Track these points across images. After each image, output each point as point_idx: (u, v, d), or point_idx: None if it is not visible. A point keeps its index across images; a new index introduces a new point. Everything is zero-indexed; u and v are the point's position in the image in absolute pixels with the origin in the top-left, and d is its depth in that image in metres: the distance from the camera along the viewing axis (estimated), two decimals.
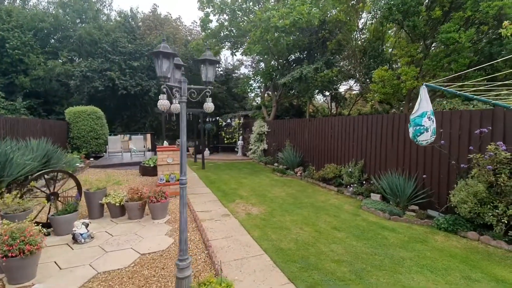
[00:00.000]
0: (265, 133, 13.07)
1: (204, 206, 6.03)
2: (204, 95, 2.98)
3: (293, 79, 10.07)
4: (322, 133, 9.07)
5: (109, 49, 16.41)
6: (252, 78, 16.54)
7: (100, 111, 13.20)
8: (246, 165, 12.14)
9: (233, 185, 8.14)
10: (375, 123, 7.09)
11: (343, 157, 8.13)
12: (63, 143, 11.51)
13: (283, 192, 7.34)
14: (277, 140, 12.04)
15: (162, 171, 6.97)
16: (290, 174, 9.64)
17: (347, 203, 6.44)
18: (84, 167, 10.65)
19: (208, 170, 10.80)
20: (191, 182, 8.50)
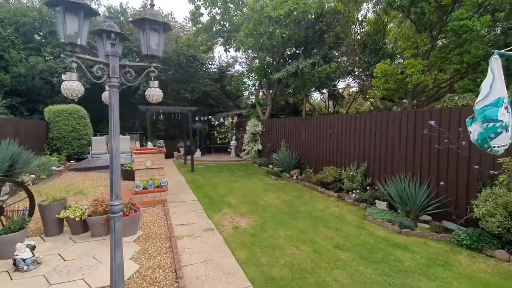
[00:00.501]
0: (259, 133, 12.25)
1: (185, 217, 5.18)
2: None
3: (289, 74, 9.25)
4: (320, 133, 8.27)
5: (95, 45, 15.42)
6: (246, 75, 15.71)
7: (83, 109, 12.28)
8: (239, 167, 11.31)
9: (222, 191, 7.31)
10: (379, 121, 6.29)
11: (343, 159, 7.33)
12: (41, 144, 10.60)
13: (278, 199, 6.52)
14: (272, 140, 11.22)
15: (140, 176, 6.12)
16: (286, 177, 8.82)
17: (350, 212, 5.64)
18: (63, 170, 9.74)
19: (197, 173, 9.95)
20: (176, 188, 7.65)
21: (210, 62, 20.95)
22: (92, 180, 8.65)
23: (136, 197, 5.60)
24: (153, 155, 6.18)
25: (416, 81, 7.51)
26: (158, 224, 4.78)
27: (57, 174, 9.16)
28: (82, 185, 7.93)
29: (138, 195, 5.60)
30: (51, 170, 8.88)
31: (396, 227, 4.70)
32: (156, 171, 6.26)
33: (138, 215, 4.31)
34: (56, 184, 7.93)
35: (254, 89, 16.47)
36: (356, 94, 15.41)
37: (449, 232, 4.52)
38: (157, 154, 6.22)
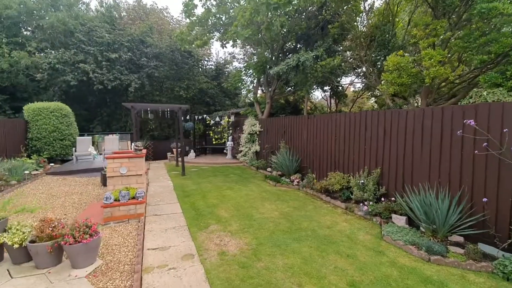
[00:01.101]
0: (257, 133, 11.28)
1: (162, 237, 4.21)
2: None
3: (289, 68, 8.28)
4: (324, 133, 7.29)
5: (83, 39, 14.46)
6: (244, 71, 14.72)
7: (66, 108, 11.31)
8: (234, 170, 10.34)
9: (213, 200, 6.34)
10: (396, 120, 5.32)
11: (351, 164, 6.36)
12: (17, 145, 9.63)
13: (276, 211, 5.56)
14: (271, 141, 10.25)
15: (113, 185, 5.15)
16: (286, 182, 7.85)
17: (362, 229, 4.67)
18: (39, 175, 8.77)
19: (188, 177, 8.97)
20: (160, 196, 6.67)
21: (206, 59, 19.96)
22: (68, 186, 7.68)
23: (105, 212, 4.64)
24: (130, 159, 5.21)
25: (435, 74, 6.53)
26: (126, 247, 3.81)
27: (32, 179, 8.20)
28: (55, 191, 6.96)
29: (108, 209, 4.64)
30: (23, 174, 7.91)
31: (423, 253, 3.74)
32: (134, 179, 5.29)
33: (96, 240, 3.33)
34: (25, 191, 6.96)
35: (252, 87, 15.48)
36: (361, 91, 14.40)
37: (489, 259, 3.57)
38: (135, 159, 5.25)
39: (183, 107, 9.07)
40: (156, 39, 16.64)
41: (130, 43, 15.59)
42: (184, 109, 9.47)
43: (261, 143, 11.08)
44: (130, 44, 15.55)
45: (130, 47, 15.49)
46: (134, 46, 15.70)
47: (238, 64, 18.44)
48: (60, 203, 6.01)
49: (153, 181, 8.52)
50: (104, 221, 4.65)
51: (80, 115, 16.56)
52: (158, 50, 16.04)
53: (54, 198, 6.43)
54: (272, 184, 7.98)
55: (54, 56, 13.50)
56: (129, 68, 15.57)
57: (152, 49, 16.08)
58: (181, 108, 8.92)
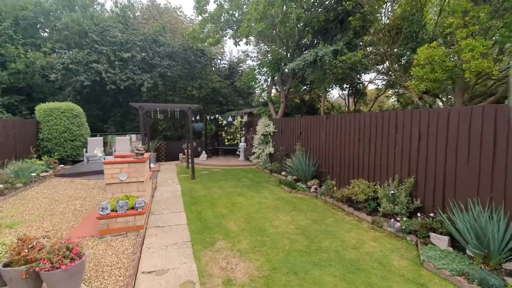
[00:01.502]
0: (271, 134, 10.62)
1: (161, 256, 3.65)
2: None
3: (306, 63, 7.54)
4: (346, 135, 6.53)
5: (96, 39, 14.31)
6: (257, 69, 14.07)
7: (77, 108, 11.10)
8: (247, 174, 9.72)
9: (222, 208, 5.74)
10: (434, 120, 4.51)
11: (378, 171, 5.58)
12: (28, 146, 9.46)
13: (292, 224, 4.88)
14: (286, 143, 9.56)
15: (112, 192, 4.65)
16: (302, 189, 7.14)
17: (395, 250, 3.91)
18: (48, 176, 8.52)
19: (198, 181, 8.45)
20: (166, 202, 6.16)
21: (219, 58, 19.47)
22: (74, 189, 7.34)
23: (101, 224, 4.14)
24: (130, 165, 4.70)
25: (477, 68, 5.62)
26: (118, 270, 3.27)
27: (40, 181, 7.94)
28: (59, 195, 6.61)
29: (104, 221, 4.13)
30: (30, 176, 7.65)
31: (476, 287, 2.97)
32: (134, 186, 4.77)
33: (79, 265, 2.80)
34: (28, 196, 6.65)
35: (266, 85, 14.82)
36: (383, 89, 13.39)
37: None
38: (135, 164, 4.73)
39: (193, 107, 8.56)
40: (169, 38, 16.31)
41: (143, 42, 15.32)
42: (194, 109, 8.95)
43: (275, 145, 10.41)
44: (143, 44, 15.28)
45: (143, 47, 15.23)
46: (147, 45, 15.42)
47: (251, 62, 17.80)
48: (61, 210, 5.62)
49: (161, 184, 8.06)
50: (100, 233, 4.15)
51: (95, 115, 16.53)
52: (170, 49, 15.69)
53: (56, 203, 6.06)
54: (287, 190, 7.29)
55: (67, 56, 13.41)
56: (142, 68, 15.31)
57: (165, 48, 15.76)
58: (190, 108, 8.40)
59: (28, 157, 9.14)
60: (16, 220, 4.97)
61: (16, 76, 13.77)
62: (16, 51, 13.62)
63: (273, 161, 10.37)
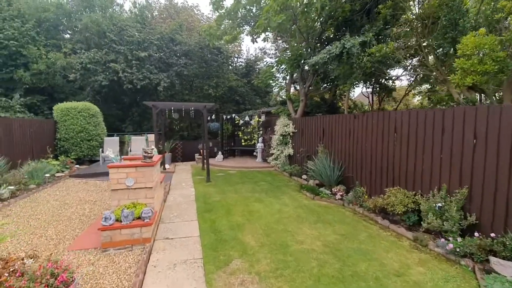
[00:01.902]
0: (290, 134, 9.93)
1: (167, 278, 3.11)
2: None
3: (331, 57, 6.80)
4: (378, 137, 5.74)
5: (114, 39, 14.23)
6: (276, 66, 13.40)
7: (94, 107, 10.96)
8: (265, 177, 9.10)
9: (239, 217, 5.16)
10: (495, 119, 3.68)
11: (419, 179, 4.77)
12: (45, 146, 9.36)
13: (319, 239, 4.21)
14: (306, 144, 8.85)
15: (117, 199, 4.20)
16: (326, 195, 6.42)
17: (449, 279, 3.15)
18: (63, 177, 8.33)
19: (213, 184, 7.93)
20: (179, 208, 5.66)
21: (236, 56, 18.97)
22: (87, 191, 7.04)
23: (103, 236, 3.67)
24: (137, 169, 4.22)
25: None
26: None
27: (54, 182, 7.74)
28: (70, 198, 6.31)
29: (107, 233, 3.67)
30: (44, 177, 7.46)
31: None
32: (142, 193, 4.29)
33: None
34: (40, 198, 6.40)
35: (285, 83, 14.12)
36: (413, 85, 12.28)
37: None
38: (143, 168, 4.25)
39: (208, 106, 8.05)
40: (186, 36, 16.00)
41: (160, 41, 15.09)
42: (209, 108, 8.46)
43: (295, 146, 9.72)
44: (160, 42, 15.05)
45: (159, 45, 15.00)
46: (163, 44, 15.18)
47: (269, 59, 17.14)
48: (68, 215, 5.27)
49: (175, 187, 7.62)
50: (102, 246, 3.69)
51: (114, 115, 16.55)
52: (187, 48, 15.35)
53: (66, 207, 5.73)
54: (310, 196, 6.59)
55: (86, 56, 13.39)
56: (158, 67, 15.09)
57: (181, 47, 15.46)
58: (206, 107, 7.90)
59: (45, 157, 9.03)
60: (20, 226, 4.65)
61: (38, 77, 13.94)
62: (38, 52, 13.78)
63: (293, 163, 9.69)
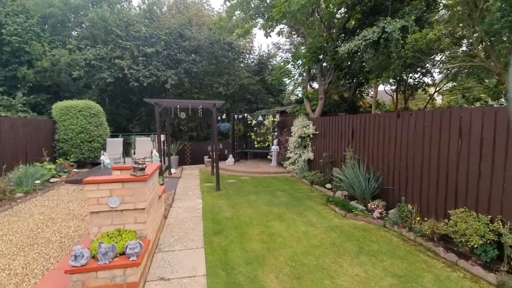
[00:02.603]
0: (310, 136, 8.73)
1: None
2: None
3: (367, 43, 5.57)
4: (433, 141, 4.48)
5: (120, 34, 13.36)
6: (292, 62, 12.22)
7: (96, 106, 10.06)
8: (282, 184, 7.93)
9: (256, 243, 4.03)
10: None
11: (498, 198, 3.50)
12: (42, 148, 8.50)
13: (368, 283, 3.03)
14: (330, 148, 7.63)
15: (98, 226, 3.13)
16: (361, 212, 5.20)
17: None
18: (57, 183, 7.42)
19: (223, 194, 6.83)
20: (182, 228, 4.57)
21: (248, 52, 17.84)
22: (79, 201, 6.07)
23: (72, 280, 2.61)
24: (124, 185, 3.14)
25: None
26: None
27: (46, 189, 6.83)
28: (58, 210, 5.34)
29: (77, 276, 2.61)
30: (35, 184, 6.54)
31: None
32: (131, 216, 3.21)
33: None
34: (23, 210, 5.45)
35: (302, 80, 12.91)
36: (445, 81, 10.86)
37: None
38: (132, 184, 3.17)
39: (218, 104, 6.96)
40: (195, 31, 14.98)
41: (168, 36, 14.14)
42: (219, 106, 7.38)
43: (316, 150, 8.52)
44: (168, 38, 14.09)
45: (167, 41, 14.04)
46: (171, 39, 14.21)
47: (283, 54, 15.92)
48: (48, 235, 4.27)
49: (180, 197, 6.56)
50: None
51: (122, 114, 15.73)
52: (196, 43, 14.33)
53: (49, 224, 4.75)
54: (340, 213, 5.39)
55: (90, 52, 12.56)
56: (166, 64, 14.13)
57: (190, 42, 14.45)
58: (215, 105, 6.82)
59: (40, 161, 8.17)
60: None
61: (42, 75, 13.22)
62: (42, 48, 13.06)
63: (313, 168, 8.49)
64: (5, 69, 12.65)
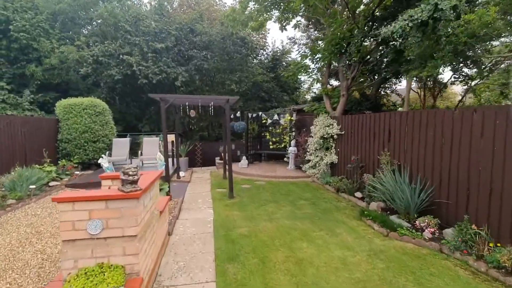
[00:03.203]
0: (333, 137, 7.73)
1: None
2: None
3: (414, 25, 4.53)
4: (509, 145, 3.44)
5: (129, 29, 12.74)
6: (309, 56, 11.21)
7: (101, 104, 9.40)
8: (303, 191, 6.98)
9: (282, 275, 3.11)
10: None
11: None
12: (44, 148, 7.89)
13: None
14: (359, 150, 6.62)
15: (73, 259, 2.29)
16: (408, 232, 4.18)
17: None
18: (56, 187, 6.76)
19: (237, 203, 5.95)
20: (188, 250, 3.70)
21: (261, 47, 16.91)
22: None
23: None
24: (108, 203, 2.31)
25: None
26: None
27: (43, 194, 6.16)
28: (48, 221, 4.61)
29: None
30: (30, 189, 5.86)
31: None
32: (118, 246, 2.36)
33: None
34: (11, 220, 4.75)
35: (321, 75, 11.89)
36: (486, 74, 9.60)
37: None
38: (120, 203, 2.32)
39: (232, 100, 6.08)
40: (206, 25, 14.19)
41: (178, 31, 13.42)
42: (232, 103, 6.51)
43: (340, 152, 7.52)
44: (178, 33, 13.38)
45: (178, 36, 13.32)
46: (182, 35, 13.49)
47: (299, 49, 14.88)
48: (28, 257, 3.50)
49: (188, 206, 5.73)
50: None
51: (133, 113, 15.17)
52: (207, 38, 13.54)
53: (34, 240, 4.00)
54: (380, 230, 4.40)
55: (98, 48, 11.98)
56: (176, 60, 13.42)
57: (201, 38, 13.67)
58: (228, 101, 5.94)
59: (41, 162, 7.55)
60: None
61: (50, 72, 12.78)
62: (50, 45, 12.60)
63: (336, 173, 7.50)
64: (13, 67, 12.25)
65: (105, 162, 4.80)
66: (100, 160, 4.87)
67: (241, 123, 9.40)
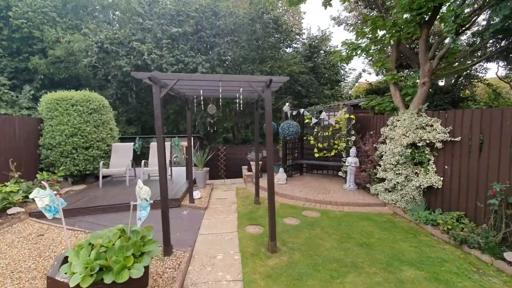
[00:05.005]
0: (434, 146, 4.73)
1: None
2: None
3: None
4: None
5: (142, 12, 10.56)
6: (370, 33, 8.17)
7: (99, 99, 7.15)
8: (392, 238, 4.07)
9: None
10: None
11: None
12: (7, 159, 5.76)
13: None
14: (501, 173, 3.60)
15: None
16: None
17: None
18: (15, 216, 4.51)
19: (286, 266, 3.22)
20: None
21: (296, 31, 14.01)
22: (43, 257, 2.94)
23: None
24: None
25: None
26: None
27: None
28: None
29: None
30: None
31: None
32: None
33: None
34: None
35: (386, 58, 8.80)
36: None
37: None
38: None
39: (276, 81, 3.36)
40: (232, 5, 11.64)
41: (199, 14, 11.01)
42: (276, 87, 3.83)
43: (448, 171, 4.50)
44: (199, 15, 10.96)
45: (198, 19, 10.91)
46: (203, 17, 11.05)
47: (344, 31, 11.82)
48: None
49: (199, 275, 3.12)
50: None
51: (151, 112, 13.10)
52: (233, 20, 10.97)
53: None
54: None
55: (105, 35, 9.90)
56: (196, 48, 11.02)
57: (225, 20, 11.14)
58: (270, 84, 3.23)
59: (8, 178, 5.41)
60: None
61: (56, 66, 11.00)
62: (55, 34, 10.80)
63: (436, 204, 4.51)
64: (15, 60, 10.59)
65: (42, 197, 2.38)
66: (33, 193, 2.46)
67: (291, 123, 6.66)
